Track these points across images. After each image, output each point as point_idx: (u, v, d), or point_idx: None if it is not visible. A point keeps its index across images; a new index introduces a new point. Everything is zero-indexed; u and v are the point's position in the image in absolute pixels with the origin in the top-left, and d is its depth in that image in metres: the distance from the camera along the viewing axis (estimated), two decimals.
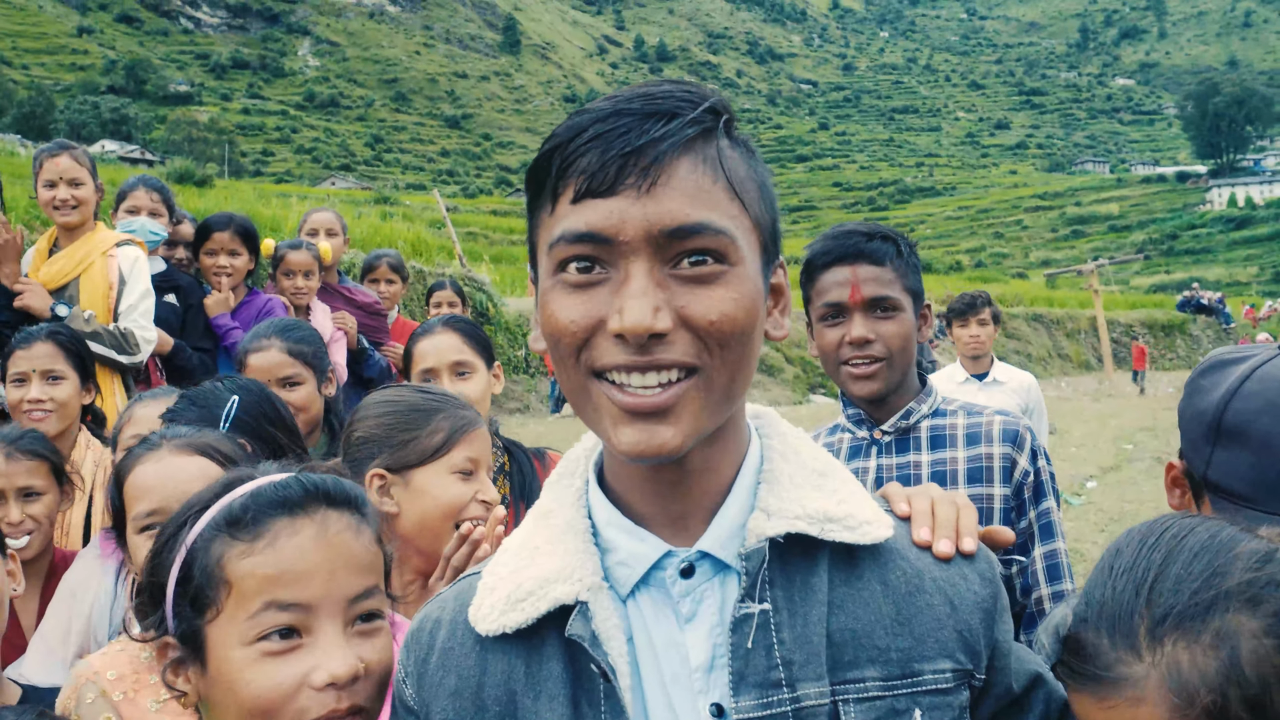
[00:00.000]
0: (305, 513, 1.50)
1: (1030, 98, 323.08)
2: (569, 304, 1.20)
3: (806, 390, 30.29)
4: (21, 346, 3.92)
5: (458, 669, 1.33)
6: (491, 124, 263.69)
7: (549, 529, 1.35)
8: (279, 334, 3.68)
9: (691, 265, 1.17)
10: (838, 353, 2.73)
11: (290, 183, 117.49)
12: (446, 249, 25.76)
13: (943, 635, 1.28)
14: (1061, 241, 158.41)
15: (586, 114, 1.20)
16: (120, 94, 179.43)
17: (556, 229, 1.20)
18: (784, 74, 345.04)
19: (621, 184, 1.15)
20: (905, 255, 2.73)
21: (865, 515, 1.30)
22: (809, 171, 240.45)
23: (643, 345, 1.16)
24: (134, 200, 5.47)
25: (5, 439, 3.21)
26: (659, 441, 1.18)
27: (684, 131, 1.17)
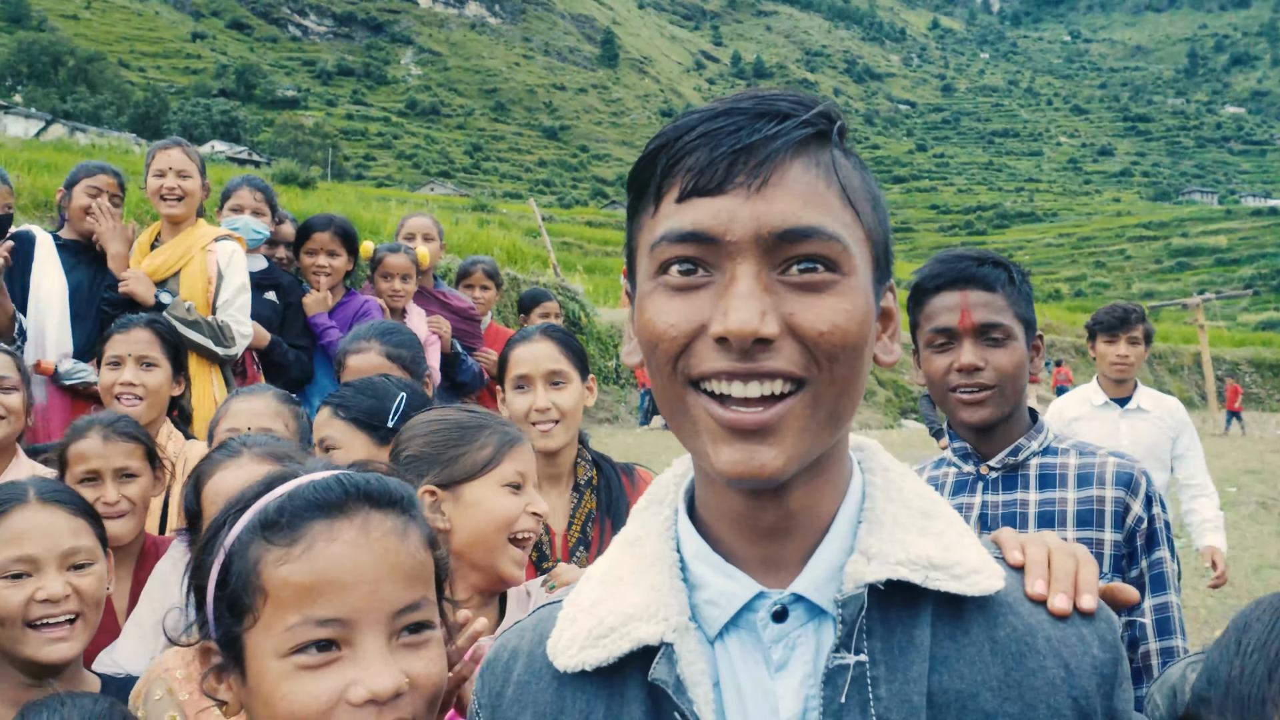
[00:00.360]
0: (345, 515, 1.40)
1: (1135, 124, 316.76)
2: (669, 307, 1.12)
3: (898, 414, 29.88)
4: (120, 331, 4.00)
5: (534, 705, 1.26)
6: (588, 136, 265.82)
7: (635, 559, 1.27)
8: (378, 336, 3.70)
9: (801, 272, 1.09)
10: (946, 379, 2.63)
11: (390, 187, 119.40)
12: (541, 258, 25.94)
13: (1056, 701, 1.15)
14: (1165, 273, 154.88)
15: (695, 114, 1.14)
16: (230, 97, 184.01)
17: (659, 229, 1.14)
18: (882, 94, 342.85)
19: (730, 182, 1.09)
20: (1017, 283, 2.63)
21: (973, 563, 1.19)
22: (905, 193, 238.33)
23: (746, 351, 1.08)
24: (238, 199, 5.55)
25: (102, 422, 3.28)
26: (759, 463, 1.10)
27: (798, 131, 1.11)
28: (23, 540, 2.32)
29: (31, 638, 2.28)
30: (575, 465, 3.33)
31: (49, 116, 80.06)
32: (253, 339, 5.06)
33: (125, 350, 3.92)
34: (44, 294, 4.95)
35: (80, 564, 2.38)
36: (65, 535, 2.36)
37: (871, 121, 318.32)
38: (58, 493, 2.45)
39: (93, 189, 5.13)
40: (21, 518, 2.35)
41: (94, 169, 5.27)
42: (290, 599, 1.36)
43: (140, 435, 3.31)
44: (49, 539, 2.34)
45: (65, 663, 2.30)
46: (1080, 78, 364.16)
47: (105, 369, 3.96)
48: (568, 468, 3.32)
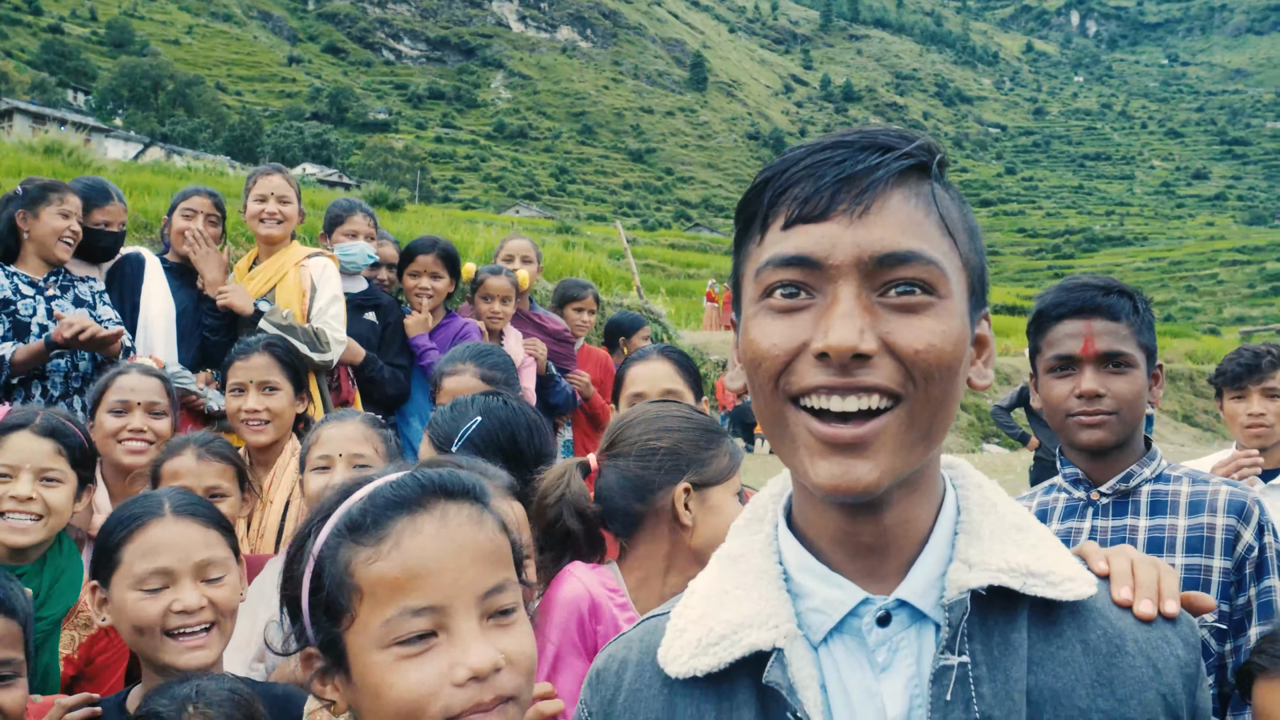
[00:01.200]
0: (424, 509, 1.48)
1: (1232, 147, 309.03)
2: (773, 328, 1.19)
3: (979, 439, 29.54)
4: (240, 357, 4.09)
5: (645, 711, 1.32)
6: (674, 159, 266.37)
7: (738, 574, 1.32)
8: (474, 358, 3.80)
9: (899, 295, 1.16)
10: (1065, 404, 2.65)
11: (476, 209, 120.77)
12: (625, 280, 26.09)
13: (1146, 697, 1.23)
14: (1259, 298, 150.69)
15: (801, 148, 1.21)
16: (323, 120, 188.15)
17: (764, 255, 1.20)
18: (971, 117, 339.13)
19: (834, 209, 1.16)
20: (1141, 312, 2.64)
21: (1067, 571, 1.26)
22: (993, 216, 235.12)
23: (845, 366, 1.14)
24: (353, 225, 5.72)
25: (196, 442, 3.35)
26: (854, 476, 1.15)
27: (898, 163, 1.17)
28: (159, 553, 2.39)
29: (170, 646, 2.36)
30: None
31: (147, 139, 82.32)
32: (347, 351, 5.20)
33: (247, 377, 4.01)
34: (152, 315, 5.14)
35: (214, 576, 2.44)
36: (199, 547, 2.43)
37: (960, 145, 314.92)
38: (193, 505, 2.51)
39: (188, 211, 5.30)
40: (158, 531, 2.42)
41: (190, 193, 5.44)
42: (385, 594, 1.43)
43: (233, 457, 3.40)
44: (183, 551, 2.41)
45: (204, 669, 2.38)
46: (1176, 101, 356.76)
47: (229, 396, 4.07)
48: None
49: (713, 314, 32.35)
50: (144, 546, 2.40)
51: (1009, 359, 35.81)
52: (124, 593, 2.40)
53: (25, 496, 2.99)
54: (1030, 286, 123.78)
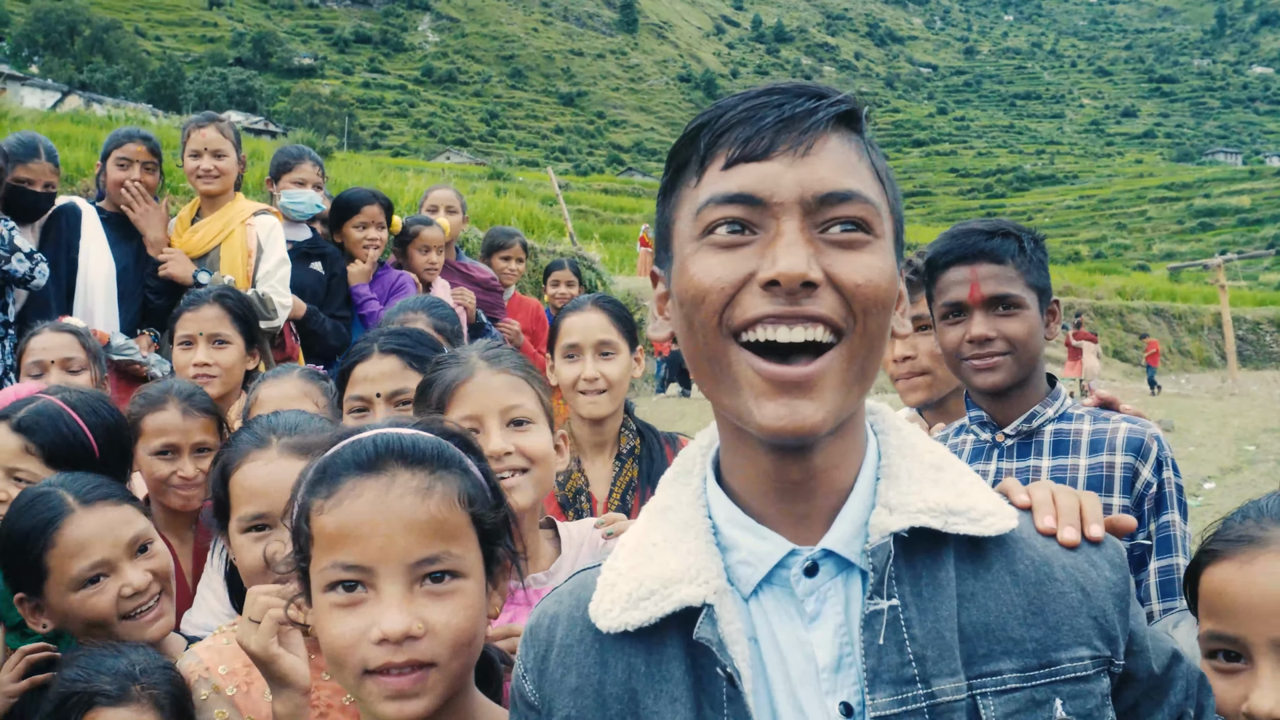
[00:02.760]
0: (375, 472, 1.54)
1: (1160, 85, 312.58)
2: (716, 262, 1.20)
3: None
4: (190, 309, 3.96)
5: (578, 667, 1.33)
6: (606, 102, 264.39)
7: (667, 525, 1.34)
8: (426, 309, 3.82)
9: (841, 231, 1.20)
10: (959, 350, 2.71)
11: (406, 156, 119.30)
12: (558, 226, 26.06)
13: (1078, 622, 1.25)
14: (1187, 234, 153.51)
15: (735, 96, 1.24)
16: (247, 66, 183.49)
17: (704, 194, 1.22)
18: (903, 57, 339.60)
19: (776, 149, 1.19)
20: (1029, 251, 2.70)
21: (987, 506, 1.28)
22: (925, 157, 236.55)
23: (793, 294, 1.16)
24: (301, 173, 5.67)
25: (179, 394, 3.22)
26: (802, 417, 1.17)
27: (835, 108, 1.22)
28: (89, 548, 2.37)
29: (129, 627, 2.38)
30: (620, 434, 3.43)
31: (65, 88, 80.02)
32: (292, 310, 5.19)
33: (196, 329, 3.89)
34: (92, 273, 5.03)
35: (143, 547, 2.45)
36: (122, 529, 2.42)
37: (892, 85, 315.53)
38: (96, 489, 2.48)
39: (122, 160, 5.16)
40: (76, 528, 2.38)
41: (122, 138, 5.27)
42: (325, 545, 1.53)
43: (214, 409, 3.31)
44: (112, 536, 2.40)
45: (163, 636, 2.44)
46: (1105, 39, 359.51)
47: (177, 349, 3.96)
48: (612, 436, 3.43)
49: (646, 259, 32.33)
50: (69, 548, 2.37)
51: None
52: (63, 596, 2.38)
53: None
54: None
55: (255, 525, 2.22)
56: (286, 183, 5.65)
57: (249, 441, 2.29)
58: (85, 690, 2.09)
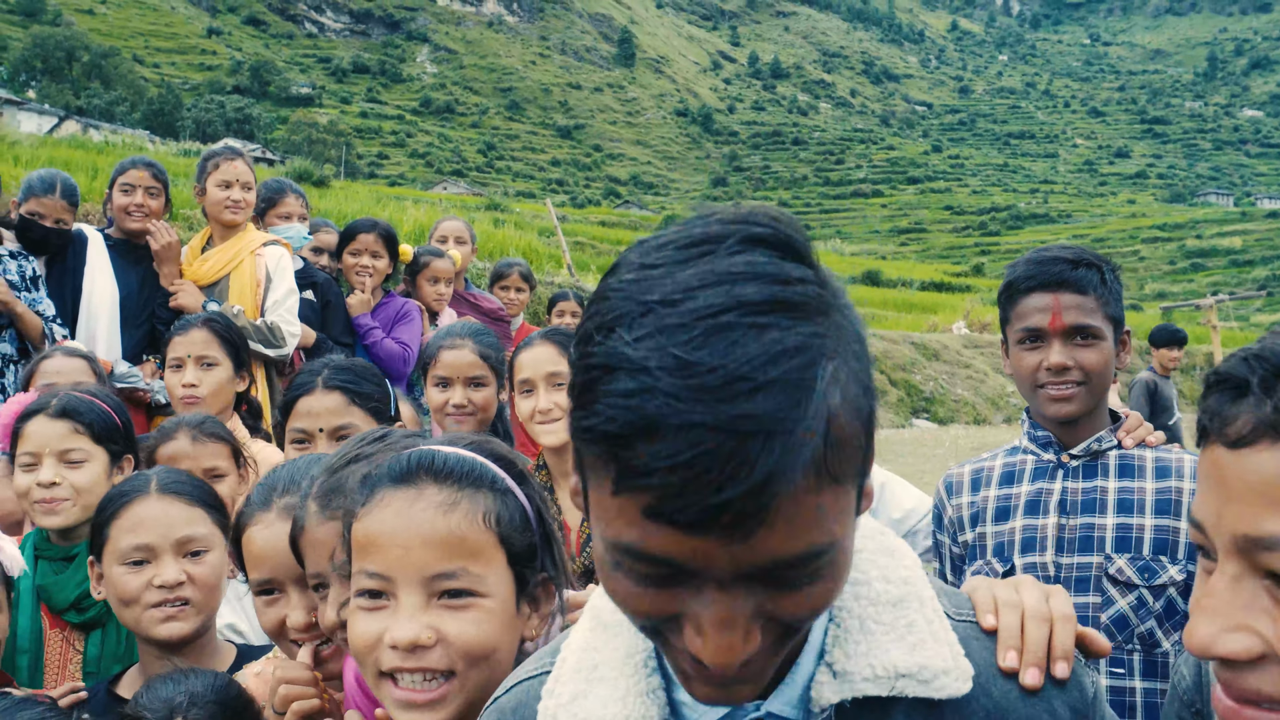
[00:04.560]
0: (405, 485, 1.58)
1: (1153, 126, 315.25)
2: (637, 595, 1.02)
3: (909, 415, 30.00)
4: (179, 333, 4.04)
5: None
6: (603, 135, 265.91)
7: (610, 649, 1.24)
8: (472, 336, 3.83)
9: (793, 584, 1.00)
10: (1034, 376, 2.71)
11: (403, 186, 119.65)
12: (555, 258, 26.12)
13: None
14: (1179, 275, 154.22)
15: (650, 378, 0.91)
16: (245, 94, 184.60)
17: (623, 536, 0.98)
18: (899, 95, 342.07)
19: (706, 529, 0.93)
20: (1109, 283, 2.68)
21: (941, 665, 1.17)
22: (920, 194, 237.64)
23: None
24: (286, 207, 5.79)
25: (189, 423, 3.33)
26: (737, 698, 1.08)
27: (784, 460, 0.91)
28: (141, 529, 2.46)
29: (149, 618, 2.44)
30: None
31: (62, 113, 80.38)
32: (301, 338, 5.22)
33: (185, 351, 3.95)
34: (95, 299, 5.10)
35: (195, 551, 2.51)
36: (181, 524, 2.49)
37: (887, 123, 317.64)
38: (179, 483, 2.57)
39: (126, 185, 5.23)
40: (142, 508, 2.49)
41: (127, 165, 5.33)
42: (358, 551, 1.59)
43: (226, 435, 3.37)
44: (165, 527, 2.47)
45: (180, 641, 2.47)
46: (1098, 80, 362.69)
47: (168, 371, 4.02)
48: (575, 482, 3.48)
49: None
50: (129, 523, 2.47)
51: (937, 336, 36.40)
52: (111, 567, 2.48)
53: (49, 482, 2.99)
54: (957, 264, 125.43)
55: (264, 590, 2.22)
56: (273, 219, 5.73)
57: (254, 503, 2.28)
58: (129, 714, 2.18)
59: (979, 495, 2.91)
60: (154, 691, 2.20)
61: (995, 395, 32.12)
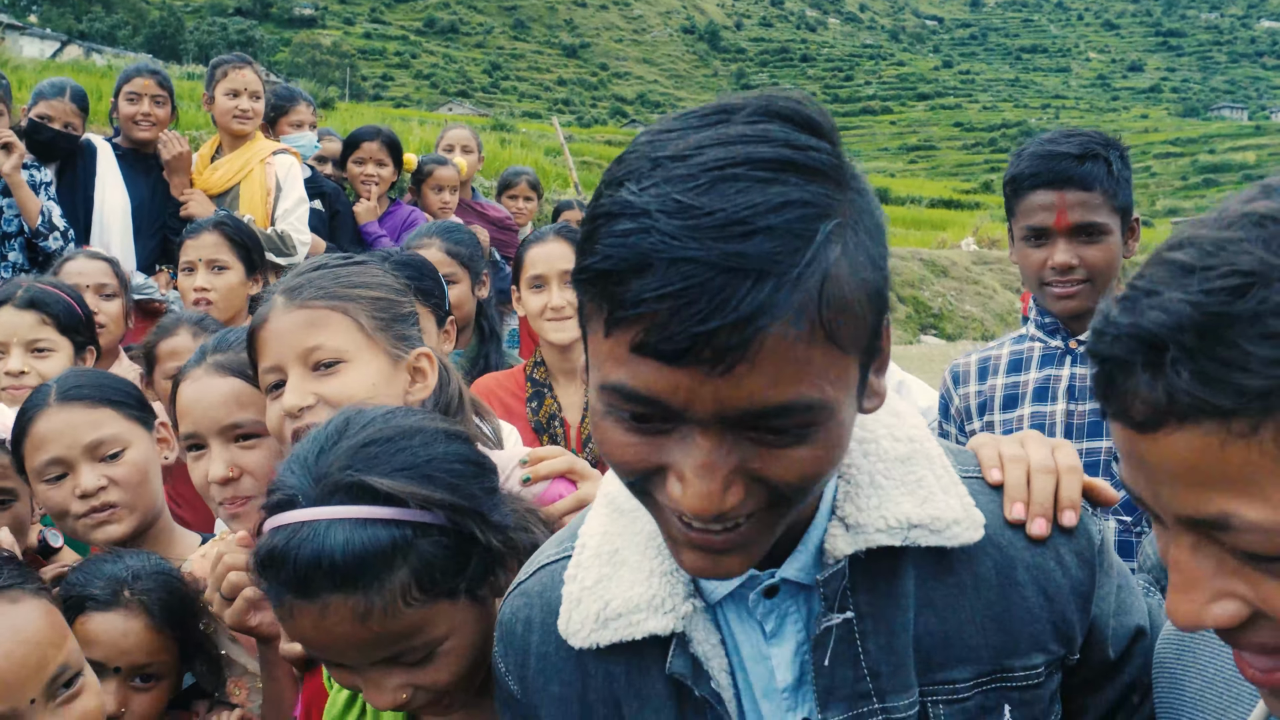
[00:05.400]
0: (308, 599, 1.42)
1: (1167, 39, 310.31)
2: (625, 440, 1.04)
3: (918, 331, 30.06)
4: (191, 236, 4.07)
5: (559, 675, 1.31)
6: (609, 54, 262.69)
7: (630, 534, 1.28)
8: (439, 234, 3.87)
9: (772, 436, 1.00)
10: (1040, 273, 2.69)
11: (409, 107, 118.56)
12: (562, 177, 26.03)
13: (1036, 629, 1.22)
14: (1191, 190, 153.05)
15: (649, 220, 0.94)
16: (247, 16, 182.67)
17: (607, 368, 1.00)
18: (908, 9, 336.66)
19: (689, 359, 0.94)
20: (1116, 172, 2.63)
21: (953, 514, 1.21)
22: (930, 110, 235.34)
23: None
24: (298, 115, 5.82)
25: (189, 320, 3.38)
26: (724, 569, 1.10)
27: (769, 298, 0.93)
28: (48, 444, 2.39)
29: (82, 526, 2.40)
30: None
31: (64, 37, 79.42)
32: (311, 247, 5.26)
33: (196, 255, 3.97)
34: (107, 209, 5.12)
35: (111, 453, 2.42)
36: (86, 429, 2.40)
37: (897, 38, 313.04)
38: (79, 388, 2.47)
39: (132, 94, 5.23)
40: (45, 422, 2.41)
41: (132, 73, 5.35)
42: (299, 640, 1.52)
43: None
44: (71, 437, 2.39)
45: (123, 541, 2.41)
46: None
47: (181, 275, 4.07)
48: (583, 362, 3.55)
49: None
50: (36, 440, 2.40)
51: (946, 252, 36.31)
52: (35, 484, 2.45)
53: (17, 371, 3.08)
54: (966, 180, 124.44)
55: (192, 445, 2.19)
56: (284, 126, 5.77)
57: (189, 363, 2.29)
58: (78, 595, 2.13)
59: (986, 384, 2.90)
60: (93, 569, 2.18)
61: (1004, 311, 32.12)
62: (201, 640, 2.23)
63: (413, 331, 2.12)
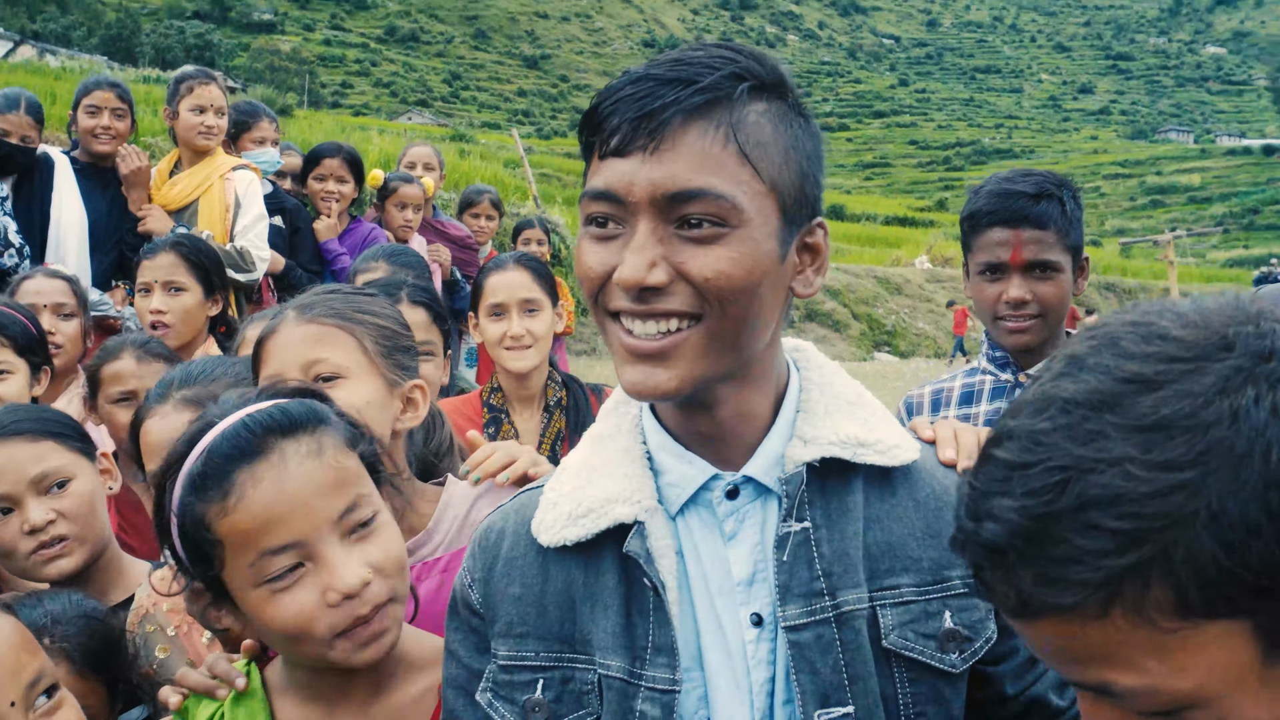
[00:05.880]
0: (262, 456, 1.52)
1: (1117, 63, 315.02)
2: (590, 252, 1.31)
3: (871, 348, 30.27)
4: (147, 257, 3.97)
5: (521, 577, 1.45)
6: (569, 66, 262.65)
7: (606, 451, 1.46)
8: (386, 257, 3.88)
9: (691, 228, 1.25)
10: (994, 308, 2.77)
11: (368, 115, 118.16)
12: (521, 189, 25.93)
13: None
14: (1139, 210, 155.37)
15: (627, 75, 1.29)
16: (205, 19, 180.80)
17: (586, 185, 1.31)
18: (866, 27, 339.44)
19: (632, 146, 1.25)
20: (1069, 212, 2.72)
21: (894, 440, 1.41)
22: (886, 128, 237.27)
23: (641, 294, 1.26)
24: (260, 131, 5.75)
25: (134, 343, 3.31)
26: (654, 383, 1.29)
27: (692, 99, 1.24)
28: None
29: (33, 564, 2.35)
30: (546, 387, 3.58)
31: (17, 37, 78.22)
32: (270, 264, 5.23)
33: (152, 276, 3.89)
34: (64, 224, 5.04)
35: (60, 481, 2.39)
36: (30, 464, 2.36)
37: (855, 56, 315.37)
38: (17, 423, 2.43)
39: (91, 107, 5.16)
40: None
41: (91, 85, 5.25)
42: (242, 543, 1.51)
43: (170, 356, 3.33)
44: (15, 472, 2.34)
45: (71, 575, 2.37)
46: (1064, 15, 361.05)
47: (137, 296, 3.99)
48: (539, 390, 3.58)
49: None
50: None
51: (900, 270, 36.60)
52: None
53: None
54: (921, 198, 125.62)
55: None
56: (246, 142, 5.70)
57: (153, 397, 2.28)
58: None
59: (939, 415, 2.96)
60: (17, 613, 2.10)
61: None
62: (136, 679, 2.18)
63: (412, 363, 2.19)
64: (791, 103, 1.33)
